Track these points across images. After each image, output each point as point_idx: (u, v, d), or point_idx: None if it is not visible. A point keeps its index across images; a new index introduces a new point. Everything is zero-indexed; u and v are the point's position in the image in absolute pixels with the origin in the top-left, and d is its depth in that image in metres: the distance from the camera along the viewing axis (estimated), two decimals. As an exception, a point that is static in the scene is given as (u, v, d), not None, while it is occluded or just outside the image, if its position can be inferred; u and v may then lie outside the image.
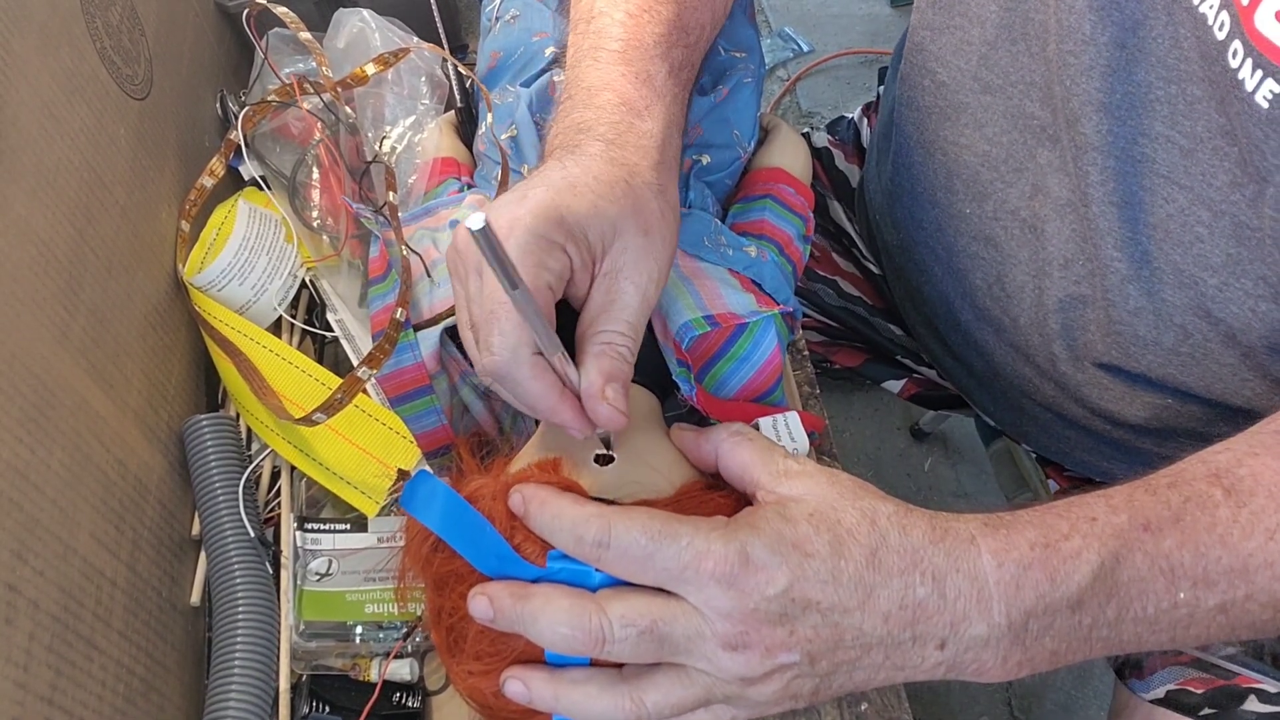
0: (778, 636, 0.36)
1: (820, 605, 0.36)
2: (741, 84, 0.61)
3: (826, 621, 0.36)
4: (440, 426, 0.55)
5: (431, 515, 0.43)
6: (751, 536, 0.37)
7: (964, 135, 0.58)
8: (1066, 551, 0.38)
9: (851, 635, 0.37)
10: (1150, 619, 0.39)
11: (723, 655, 0.37)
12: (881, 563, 0.37)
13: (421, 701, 0.53)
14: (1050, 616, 0.37)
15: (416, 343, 0.53)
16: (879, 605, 0.37)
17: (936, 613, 0.37)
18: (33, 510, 0.41)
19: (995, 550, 0.38)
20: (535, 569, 0.40)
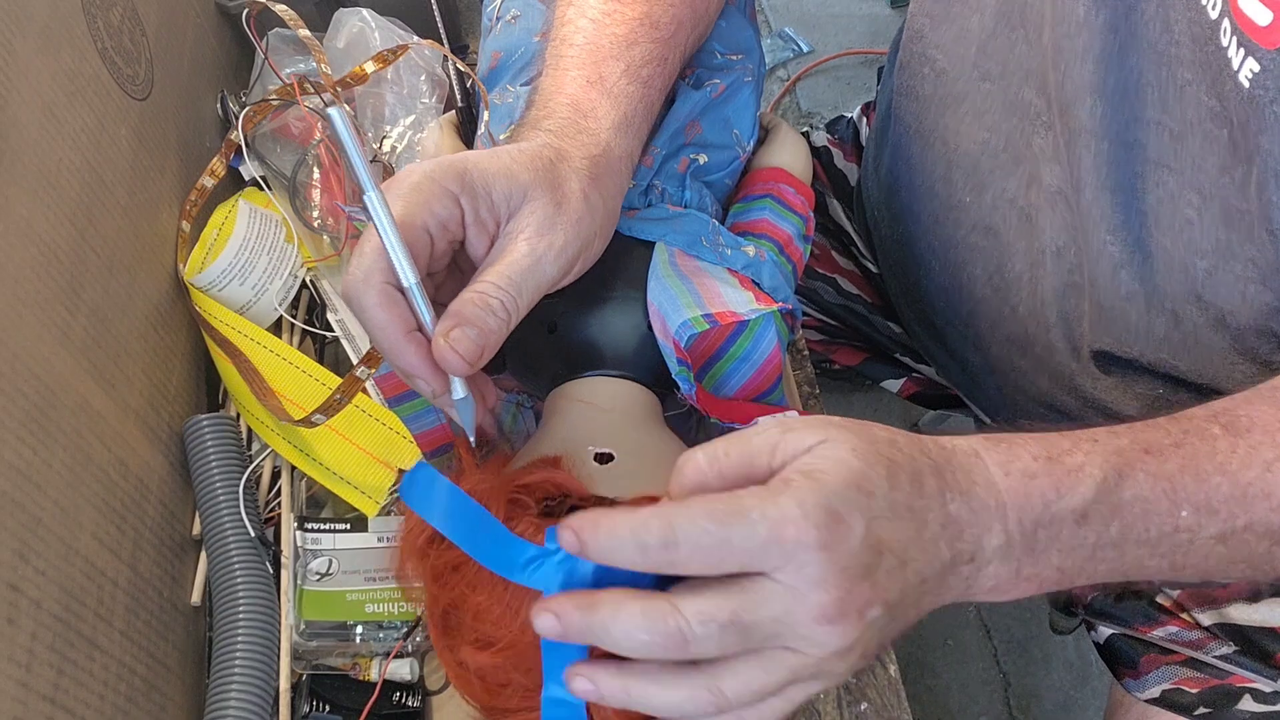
0: (865, 593, 0.34)
1: (890, 545, 0.34)
2: (741, 83, 0.61)
3: (897, 562, 0.35)
4: (439, 426, 0.55)
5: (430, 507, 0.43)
6: (819, 488, 0.33)
7: (964, 124, 0.58)
8: (1069, 465, 0.37)
9: (914, 571, 0.35)
10: (1152, 541, 0.38)
11: (819, 630, 0.34)
12: (923, 487, 0.36)
13: (422, 701, 0.54)
14: (1057, 527, 0.37)
15: None
16: (929, 531, 0.35)
17: (968, 527, 0.36)
18: (35, 510, 0.41)
19: (999, 462, 0.37)
20: (534, 547, 0.40)
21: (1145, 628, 0.63)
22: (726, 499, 0.34)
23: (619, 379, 0.51)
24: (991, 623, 1.30)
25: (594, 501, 0.43)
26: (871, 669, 0.56)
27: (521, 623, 0.41)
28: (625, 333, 0.52)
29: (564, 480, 0.44)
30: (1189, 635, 0.61)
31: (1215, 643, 0.60)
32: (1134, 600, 0.64)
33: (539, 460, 0.46)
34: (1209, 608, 0.61)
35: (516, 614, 0.41)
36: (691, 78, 0.59)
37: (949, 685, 1.25)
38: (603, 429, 0.47)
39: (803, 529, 0.32)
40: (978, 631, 1.29)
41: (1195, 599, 0.61)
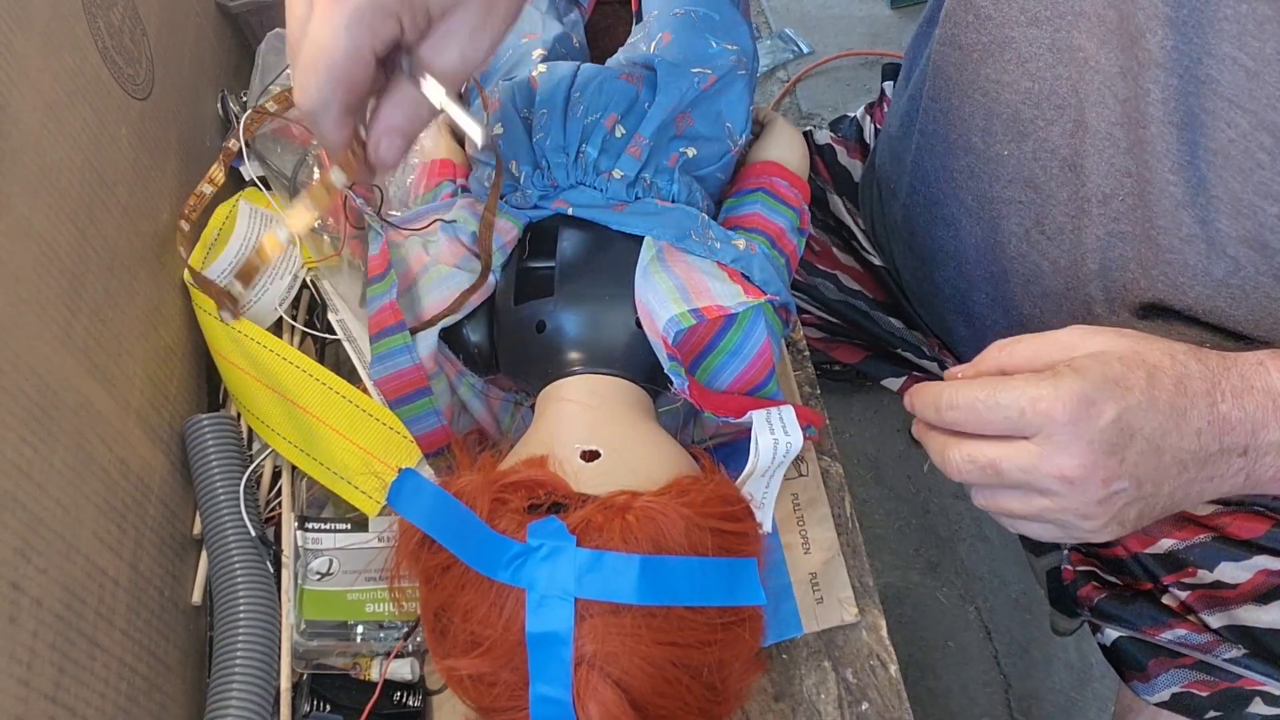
0: (1111, 466, 0.42)
1: (1144, 432, 0.42)
2: (734, 76, 0.60)
3: (1150, 446, 0.42)
4: (439, 428, 0.55)
5: (417, 510, 0.43)
6: (1078, 379, 0.42)
7: (1007, 73, 0.57)
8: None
9: (1170, 456, 0.43)
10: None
11: (1059, 486, 0.43)
12: (1188, 388, 0.43)
13: (422, 701, 0.53)
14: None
15: (414, 345, 0.53)
16: (1191, 424, 0.43)
17: (1239, 424, 0.43)
18: (36, 509, 0.41)
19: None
20: (516, 544, 0.41)
21: (1153, 630, 0.63)
22: (1004, 379, 0.44)
23: (607, 376, 0.51)
24: (992, 624, 1.30)
25: (578, 500, 0.43)
26: (872, 669, 0.56)
27: (507, 620, 0.41)
28: (613, 330, 0.52)
29: (548, 479, 0.44)
30: (1198, 638, 0.60)
31: (1225, 646, 0.60)
32: (1141, 603, 0.64)
33: (526, 460, 0.46)
34: (1219, 610, 0.60)
35: (502, 612, 0.41)
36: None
37: (950, 687, 1.25)
38: (589, 427, 0.47)
39: (1053, 406, 0.42)
40: (979, 633, 1.29)
41: (1204, 601, 0.61)
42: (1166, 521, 0.63)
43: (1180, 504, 0.45)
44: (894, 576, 1.33)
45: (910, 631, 1.28)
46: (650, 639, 0.41)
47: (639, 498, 0.43)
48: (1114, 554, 0.67)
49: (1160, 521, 0.64)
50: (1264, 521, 0.60)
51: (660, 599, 0.41)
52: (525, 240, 0.57)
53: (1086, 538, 0.46)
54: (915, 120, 0.70)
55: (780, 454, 0.48)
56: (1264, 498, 0.60)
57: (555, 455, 0.46)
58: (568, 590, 0.40)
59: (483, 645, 0.42)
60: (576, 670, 0.40)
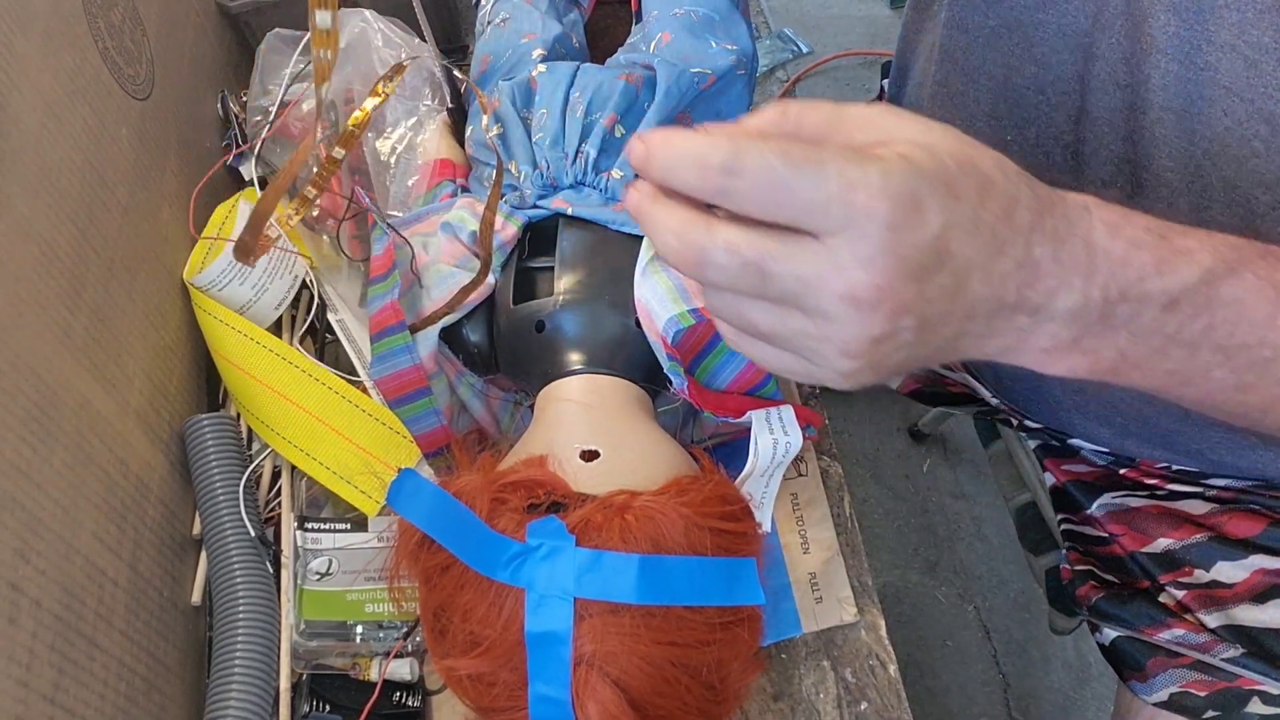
0: (908, 295, 0.32)
1: (956, 260, 0.33)
2: (734, 76, 0.61)
3: (954, 282, 0.33)
4: (439, 427, 0.55)
5: (416, 510, 0.43)
6: (911, 169, 0.31)
7: (1014, 56, 0.57)
8: (1179, 246, 0.35)
9: (966, 299, 0.34)
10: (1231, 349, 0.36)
11: (843, 309, 0.32)
12: (1014, 218, 0.33)
13: (422, 701, 0.53)
14: (1141, 306, 0.35)
15: (414, 345, 0.53)
16: (1003, 263, 0.33)
17: (1048, 275, 0.34)
18: (35, 509, 0.41)
19: (1110, 222, 0.35)
20: (516, 544, 0.41)
21: (1151, 630, 0.63)
22: (808, 146, 0.32)
23: (606, 376, 0.51)
24: (991, 624, 1.30)
25: (578, 499, 0.44)
26: (872, 669, 0.56)
27: (506, 620, 0.41)
28: (611, 330, 0.52)
29: (547, 478, 0.44)
30: (1196, 638, 0.61)
31: (1223, 645, 0.60)
32: (1139, 602, 0.64)
33: (525, 459, 0.46)
34: (1216, 609, 0.60)
35: (501, 611, 0.41)
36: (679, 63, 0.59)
37: (949, 686, 1.25)
38: (588, 426, 0.47)
39: (877, 199, 0.31)
40: (977, 632, 1.29)
41: (1201, 601, 0.61)
42: (1163, 521, 0.63)
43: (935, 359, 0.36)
44: (893, 576, 1.33)
45: (909, 631, 1.28)
46: (649, 638, 0.41)
47: (638, 497, 0.43)
48: (1110, 552, 0.67)
49: (1156, 521, 0.64)
50: (1260, 520, 0.60)
51: (659, 599, 0.41)
52: (525, 240, 0.57)
53: (827, 380, 0.36)
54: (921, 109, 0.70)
55: (780, 454, 0.48)
56: (1260, 496, 0.61)
57: (555, 455, 0.46)
58: (567, 590, 0.40)
59: (482, 645, 0.42)
60: (575, 670, 0.40)
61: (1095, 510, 0.68)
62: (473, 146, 0.63)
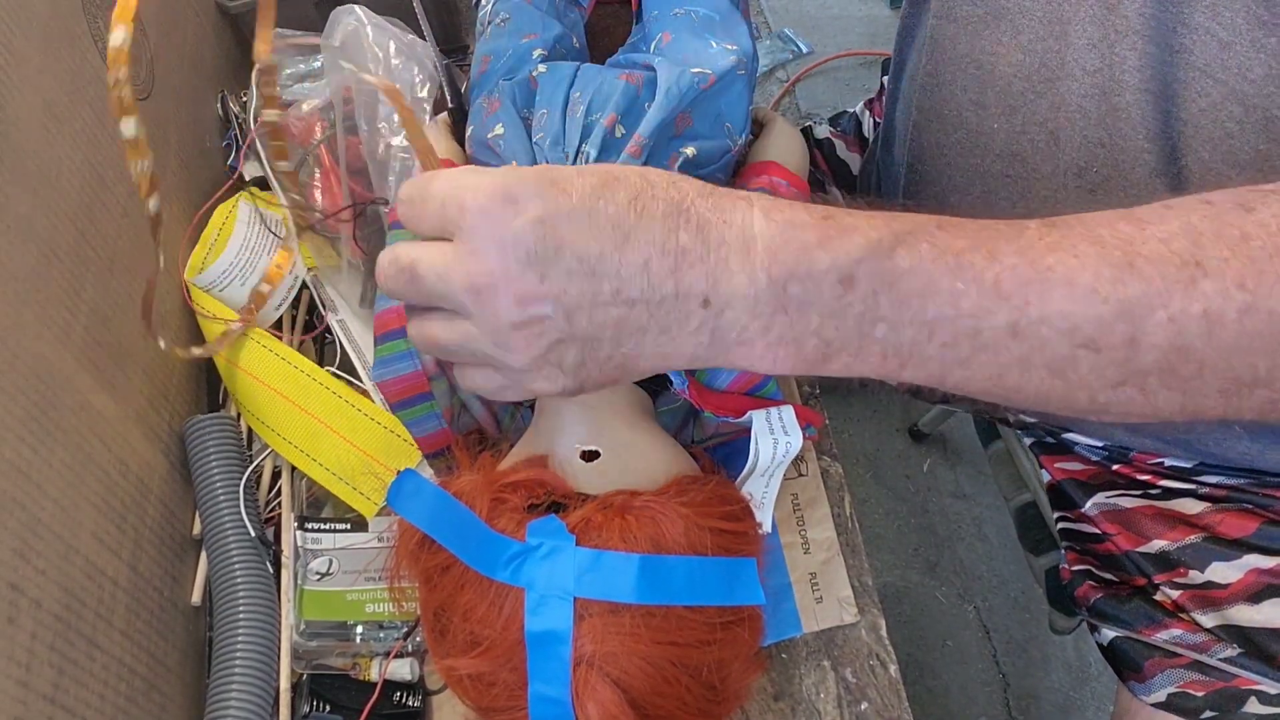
0: (528, 282, 0.35)
1: (574, 247, 0.34)
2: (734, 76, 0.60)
3: (582, 268, 0.35)
4: (440, 430, 0.55)
5: (416, 510, 0.43)
6: (509, 173, 0.35)
7: (1001, 44, 0.57)
8: (847, 224, 0.35)
9: (610, 286, 0.35)
10: (930, 324, 0.35)
11: (468, 299, 0.35)
12: (644, 208, 0.35)
13: (422, 701, 0.53)
14: (814, 284, 0.35)
15: (415, 350, 0.53)
16: (637, 251, 0.35)
17: (699, 260, 0.35)
18: (35, 510, 0.41)
19: (769, 210, 0.36)
20: (516, 544, 0.41)
21: (1149, 630, 0.63)
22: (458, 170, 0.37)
23: None
24: (991, 624, 1.30)
25: (578, 499, 0.44)
26: (872, 669, 0.56)
27: (506, 619, 0.41)
28: None
29: (548, 478, 0.45)
30: (1193, 638, 0.61)
31: (1220, 645, 0.60)
32: (1137, 602, 0.64)
33: (525, 460, 0.46)
34: (1211, 610, 0.61)
35: (501, 611, 0.41)
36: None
37: (949, 686, 1.25)
38: (589, 426, 0.47)
39: (475, 197, 0.35)
40: (977, 632, 1.29)
41: (1196, 601, 0.61)
42: (1157, 522, 0.63)
43: (635, 359, 0.37)
44: (893, 576, 1.33)
45: (909, 631, 1.28)
46: (649, 638, 0.41)
47: (638, 497, 0.43)
48: (1106, 549, 0.67)
49: (1151, 522, 0.64)
50: (1254, 519, 0.60)
51: (659, 598, 0.41)
52: None
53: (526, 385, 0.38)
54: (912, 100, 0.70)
55: (780, 454, 0.48)
56: (1252, 494, 0.61)
57: (555, 455, 0.46)
58: (567, 589, 0.40)
59: (482, 645, 0.42)
60: (575, 670, 0.40)
61: (1089, 509, 0.68)
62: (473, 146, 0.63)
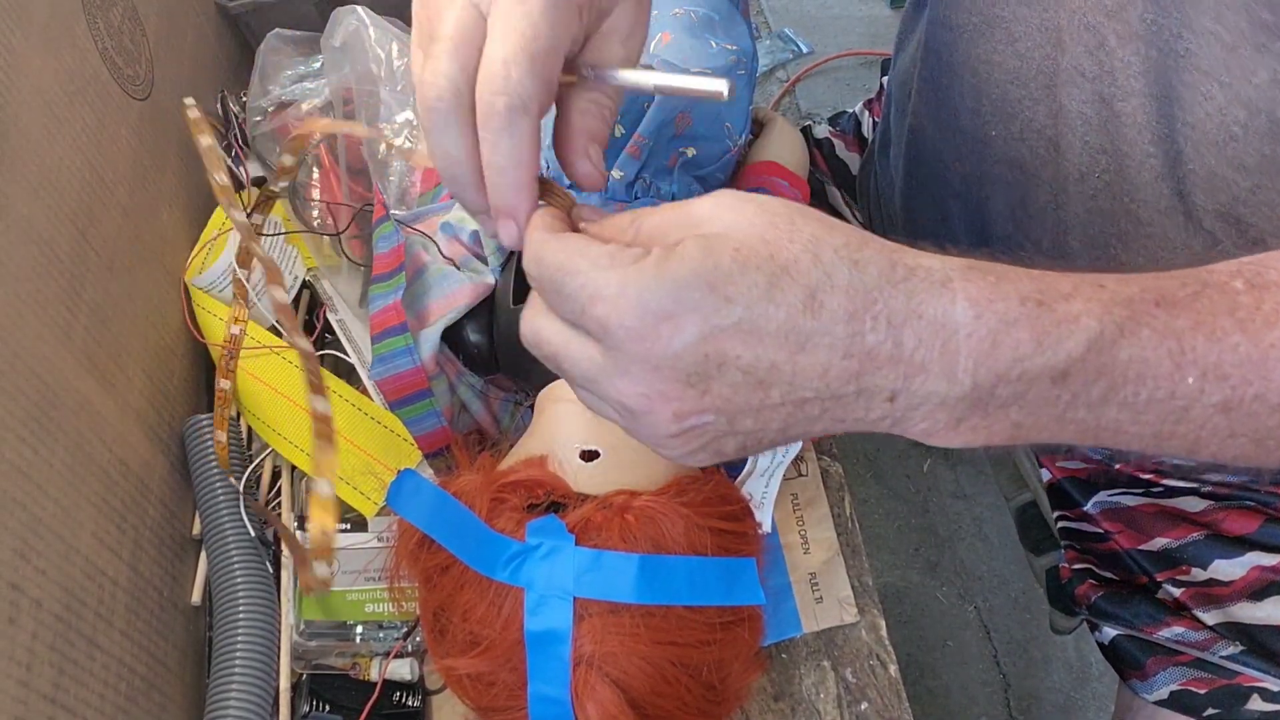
0: (688, 399, 0.31)
1: (740, 361, 0.31)
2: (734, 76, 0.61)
3: (748, 379, 0.31)
4: (440, 428, 0.55)
5: (415, 510, 0.43)
6: (657, 279, 0.30)
7: (996, 51, 0.57)
8: (1063, 314, 0.32)
9: (780, 391, 0.31)
10: (1139, 406, 0.33)
11: (624, 413, 0.33)
12: (822, 306, 0.31)
13: (421, 701, 0.53)
14: (1025, 385, 0.32)
15: (415, 346, 0.53)
16: (815, 358, 0.31)
17: (888, 362, 0.31)
18: (35, 510, 0.41)
19: (975, 299, 0.32)
20: (515, 543, 0.41)
21: (1150, 628, 0.63)
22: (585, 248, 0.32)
23: None
24: (992, 624, 1.30)
25: (578, 499, 0.44)
26: (872, 669, 0.56)
27: (505, 619, 0.41)
28: None
29: (548, 478, 0.45)
30: (1195, 635, 0.61)
31: (1222, 643, 0.60)
32: (1138, 601, 0.64)
33: (525, 459, 0.46)
34: (1213, 607, 0.60)
35: (500, 611, 0.41)
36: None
37: (949, 686, 1.25)
38: (588, 426, 0.47)
39: (613, 313, 0.31)
40: (978, 632, 1.29)
41: (1199, 599, 0.61)
42: (1159, 520, 0.63)
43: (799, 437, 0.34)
44: (893, 576, 1.33)
45: (909, 631, 1.28)
46: (649, 638, 0.41)
47: (638, 497, 0.43)
48: (1108, 549, 0.67)
49: (1153, 520, 0.64)
50: (1256, 517, 0.60)
51: (659, 598, 0.41)
52: None
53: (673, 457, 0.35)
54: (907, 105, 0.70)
55: (780, 454, 0.48)
56: (1254, 492, 0.61)
57: (555, 455, 0.46)
58: (566, 589, 0.40)
59: (481, 645, 0.42)
60: (575, 669, 0.40)
61: (1091, 508, 0.68)
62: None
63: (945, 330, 0.31)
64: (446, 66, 0.34)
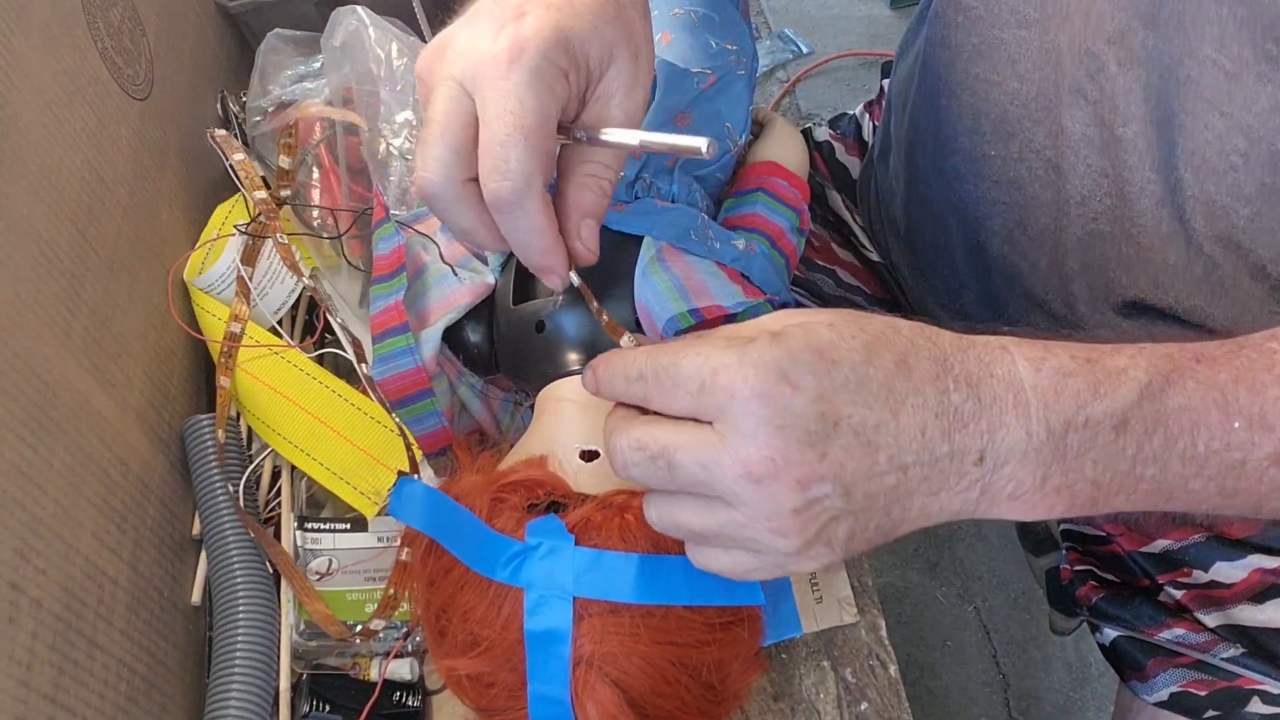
0: (808, 462, 0.33)
1: (851, 420, 0.33)
2: (734, 76, 0.60)
3: (859, 440, 0.33)
4: (441, 428, 0.55)
5: (416, 515, 0.43)
6: (772, 346, 0.33)
7: (995, 72, 0.57)
8: (1110, 367, 0.35)
9: (886, 455, 0.33)
10: (1200, 458, 0.36)
11: (743, 487, 0.33)
12: (912, 369, 0.34)
13: (422, 701, 0.53)
14: (1091, 431, 0.34)
15: (416, 346, 0.53)
16: (912, 416, 0.34)
17: (973, 419, 0.34)
18: (35, 510, 0.41)
19: (1031, 357, 0.35)
20: (515, 543, 0.41)
21: (1151, 630, 0.63)
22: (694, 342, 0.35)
23: None
24: (991, 624, 1.30)
25: (577, 499, 0.44)
26: (872, 669, 0.56)
27: (505, 620, 0.41)
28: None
29: (547, 478, 0.45)
30: (1196, 637, 0.61)
31: (1223, 645, 0.60)
32: (1139, 602, 0.64)
33: (525, 460, 0.46)
34: (1214, 609, 0.61)
35: (500, 611, 0.41)
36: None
37: (949, 686, 1.25)
38: (588, 426, 0.47)
39: (736, 377, 0.33)
40: (978, 633, 1.29)
41: (1200, 601, 0.61)
42: (1161, 522, 0.63)
43: (900, 524, 0.36)
44: (893, 576, 1.33)
45: (909, 631, 1.28)
46: (649, 638, 0.41)
47: (638, 497, 0.43)
48: (1110, 551, 0.67)
49: (1155, 521, 0.64)
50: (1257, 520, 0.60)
51: (659, 598, 0.41)
52: None
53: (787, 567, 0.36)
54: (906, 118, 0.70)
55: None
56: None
57: (554, 455, 0.46)
58: (566, 589, 0.40)
59: (481, 645, 0.42)
60: (575, 670, 0.40)
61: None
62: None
63: (1014, 385, 0.34)
64: (438, 152, 0.36)
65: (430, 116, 0.37)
